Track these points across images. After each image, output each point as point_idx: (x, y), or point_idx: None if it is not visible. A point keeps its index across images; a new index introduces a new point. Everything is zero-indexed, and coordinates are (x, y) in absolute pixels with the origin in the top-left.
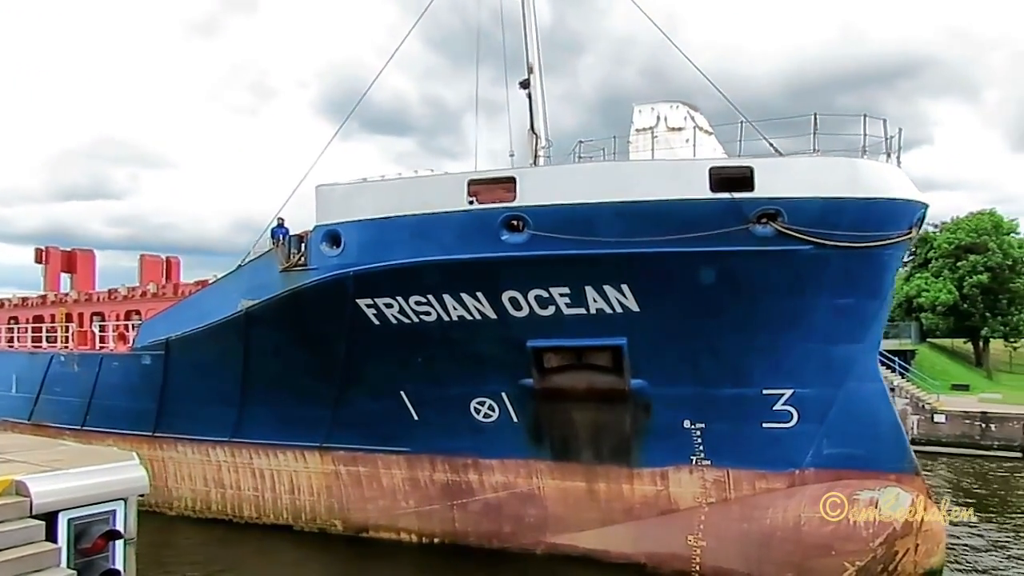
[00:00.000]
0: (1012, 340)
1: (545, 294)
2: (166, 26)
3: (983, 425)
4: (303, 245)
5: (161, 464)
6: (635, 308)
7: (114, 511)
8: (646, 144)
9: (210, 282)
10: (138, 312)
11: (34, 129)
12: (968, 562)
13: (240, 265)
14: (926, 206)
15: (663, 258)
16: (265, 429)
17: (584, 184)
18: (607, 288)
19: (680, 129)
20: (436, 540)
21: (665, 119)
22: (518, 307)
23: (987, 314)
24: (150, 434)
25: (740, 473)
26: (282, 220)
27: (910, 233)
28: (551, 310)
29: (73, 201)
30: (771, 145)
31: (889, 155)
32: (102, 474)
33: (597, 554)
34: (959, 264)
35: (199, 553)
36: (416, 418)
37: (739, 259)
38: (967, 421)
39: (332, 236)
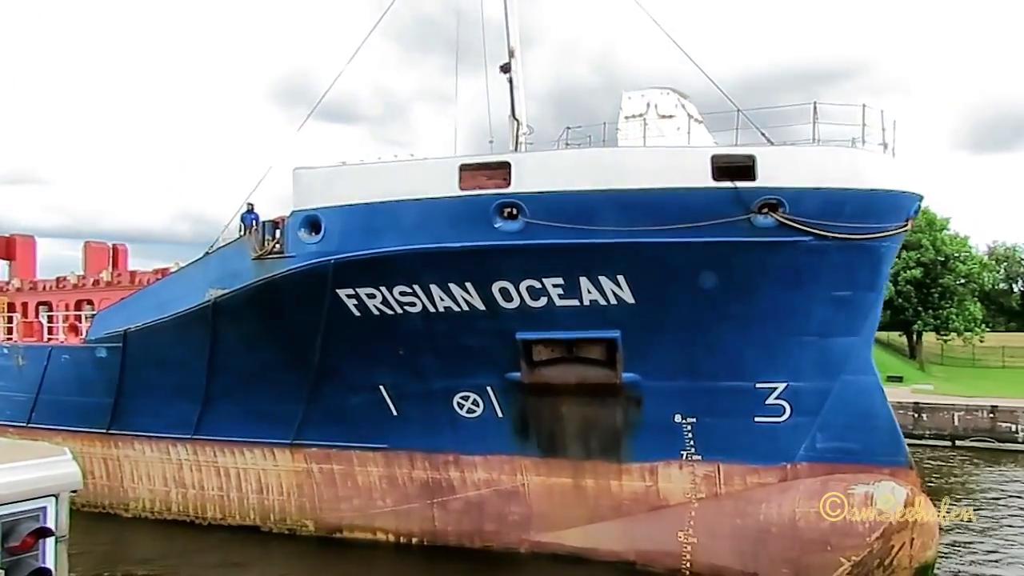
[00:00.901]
0: (943, 334)
1: (538, 285)
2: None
3: (916, 415)
4: (278, 231)
5: (116, 463)
6: (630, 300)
7: (44, 508)
8: (636, 132)
9: (172, 270)
10: (90, 302)
11: None
12: None
13: (207, 253)
14: (921, 197)
15: (662, 248)
16: (231, 425)
17: (582, 171)
18: (603, 279)
19: (671, 116)
20: (415, 540)
21: (655, 106)
22: (509, 298)
23: (920, 308)
24: (104, 431)
25: (731, 468)
26: (252, 205)
27: (907, 225)
28: (543, 301)
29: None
30: (763, 135)
31: (886, 146)
32: (31, 470)
33: (584, 552)
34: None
35: (158, 555)
36: (395, 413)
37: (739, 250)
38: (901, 411)
39: (311, 222)
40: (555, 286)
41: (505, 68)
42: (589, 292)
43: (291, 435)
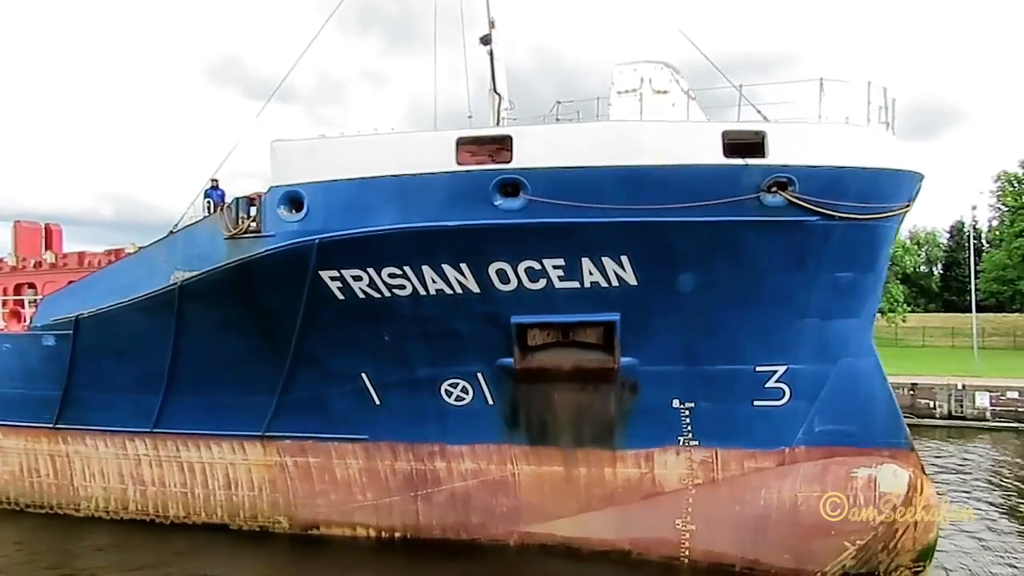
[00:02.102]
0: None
1: (537, 266)
2: None
3: None
4: (253, 208)
5: (65, 460)
6: (633, 282)
7: None
8: (629, 107)
9: (127, 252)
10: (32, 285)
11: None
12: None
13: (172, 232)
14: (923, 177)
15: (670, 227)
16: (196, 417)
17: (589, 146)
18: (606, 260)
19: (666, 92)
20: (397, 535)
21: (650, 81)
22: (505, 280)
23: None
24: (51, 426)
25: (728, 453)
26: (216, 181)
27: (909, 205)
28: (542, 283)
29: None
30: (759, 112)
31: (888, 124)
32: None
33: (576, 542)
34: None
35: (114, 557)
36: (377, 403)
37: (747, 230)
38: None
39: (293, 199)
40: (555, 267)
41: (485, 40)
42: (591, 274)
43: (262, 427)
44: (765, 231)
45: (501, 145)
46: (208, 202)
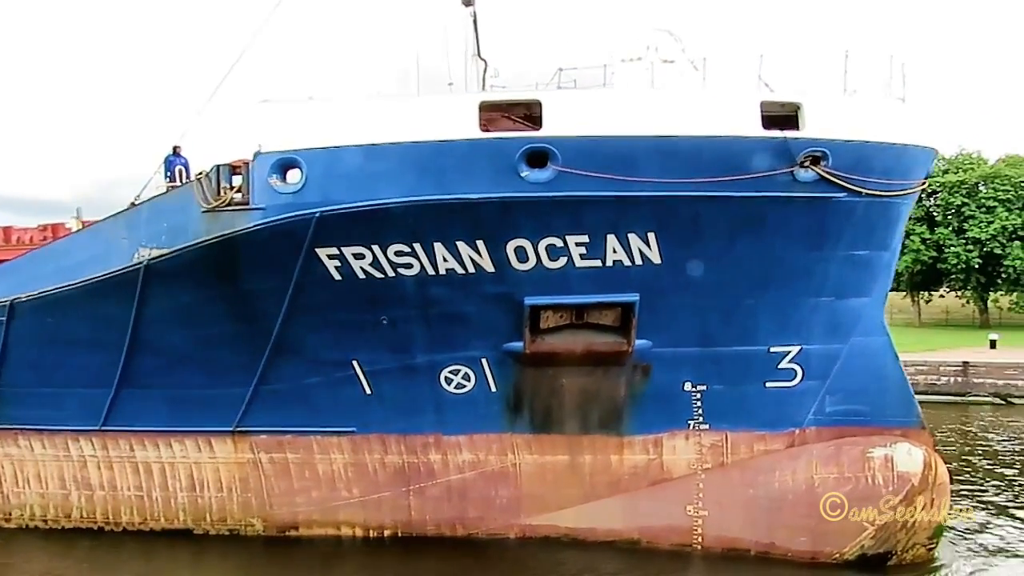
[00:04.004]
0: None
1: (559, 243)
2: None
3: None
4: (236, 178)
5: None
6: (656, 260)
7: None
8: (636, 76)
9: (68, 227)
10: None
11: None
12: None
13: (133, 204)
14: (936, 152)
15: (701, 203)
16: (154, 413)
17: (622, 113)
18: (632, 237)
19: (673, 61)
20: (387, 533)
21: (656, 49)
22: (524, 259)
23: None
24: None
25: (738, 436)
26: (178, 148)
27: (925, 182)
28: (561, 262)
29: None
30: (766, 86)
31: (903, 100)
32: None
33: (581, 533)
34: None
35: (52, 571)
36: (368, 392)
37: (776, 205)
38: None
39: (287, 166)
40: (578, 245)
41: (467, 1)
42: (614, 252)
43: (233, 421)
44: (792, 207)
45: (529, 111)
46: (168, 172)
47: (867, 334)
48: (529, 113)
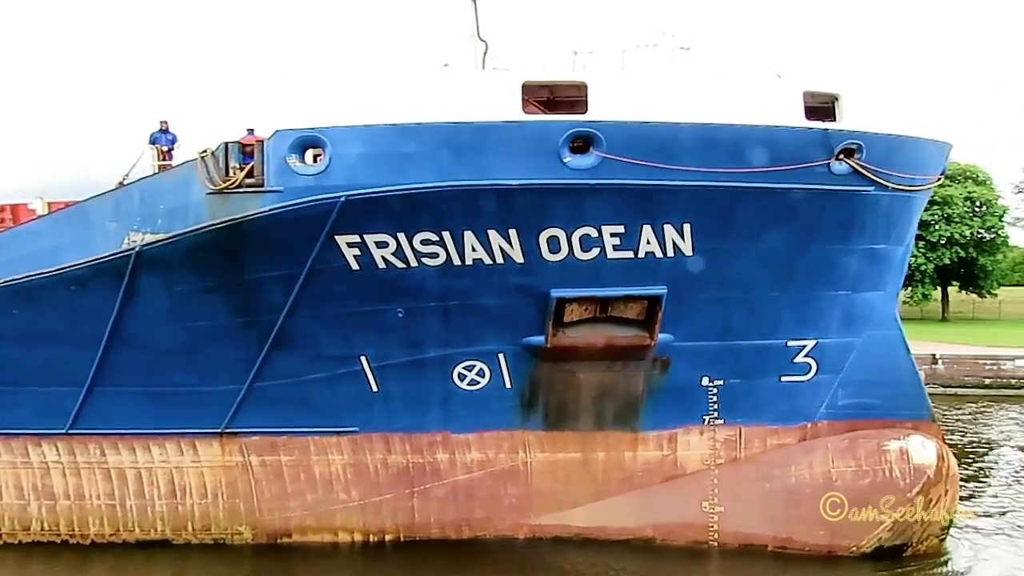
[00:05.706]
0: None
1: (594, 233)
2: None
3: None
4: (243, 156)
5: None
6: (688, 252)
7: None
8: (651, 63)
9: (33, 210)
10: None
11: None
12: None
13: (122, 183)
14: (951, 146)
15: (740, 194)
16: (130, 415)
17: (668, 98)
18: (667, 228)
19: (689, 49)
20: (388, 537)
21: (672, 36)
22: (556, 249)
23: None
24: None
25: (751, 430)
26: (166, 123)
27: (942, 176)
28: (593, 253)
29: None
30: (778, 76)
31: (919, 95)
32: None
33: (593, 532)
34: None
35: None
36: (375, 389)
37: (813, 199)
38: None
39: (309, 145)
40: (613, 235)
41: None
42: (648, 243)
43: (222, 422)
44: (824, 200)
45: (575, 92)
46: (156, 149)
47: (880, 327)
48: (578, 95)
